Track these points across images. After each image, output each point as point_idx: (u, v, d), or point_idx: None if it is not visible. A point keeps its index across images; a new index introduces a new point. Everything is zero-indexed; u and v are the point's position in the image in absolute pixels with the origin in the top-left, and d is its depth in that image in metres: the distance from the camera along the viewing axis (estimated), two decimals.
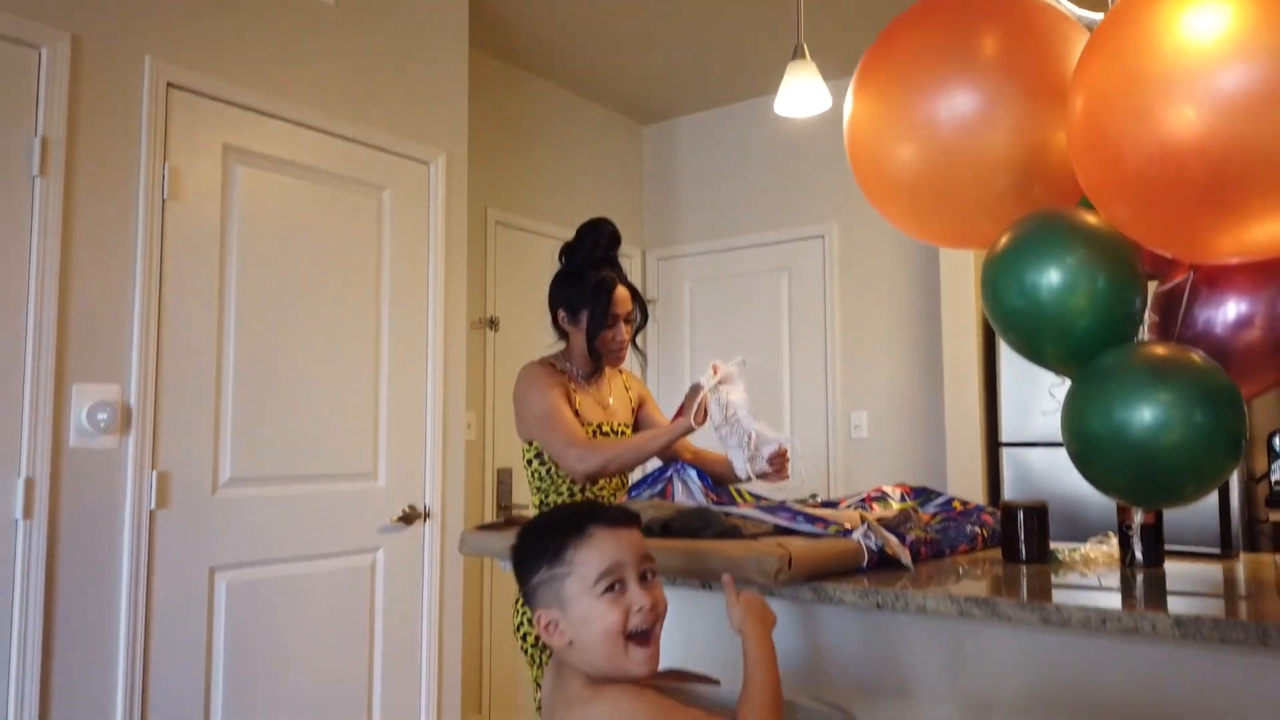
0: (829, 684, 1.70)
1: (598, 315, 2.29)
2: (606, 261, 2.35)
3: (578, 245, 2.35)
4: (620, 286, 2.33)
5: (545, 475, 2.31)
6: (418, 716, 3.15)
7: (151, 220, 2.54)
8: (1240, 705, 1.35)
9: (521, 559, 1.29)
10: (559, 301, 2.38)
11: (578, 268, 2.34)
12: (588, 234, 2.34)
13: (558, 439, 2.17)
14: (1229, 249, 1.59)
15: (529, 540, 1.30)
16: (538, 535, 1.29)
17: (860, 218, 4.28)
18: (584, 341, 2.33)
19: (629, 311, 2.35)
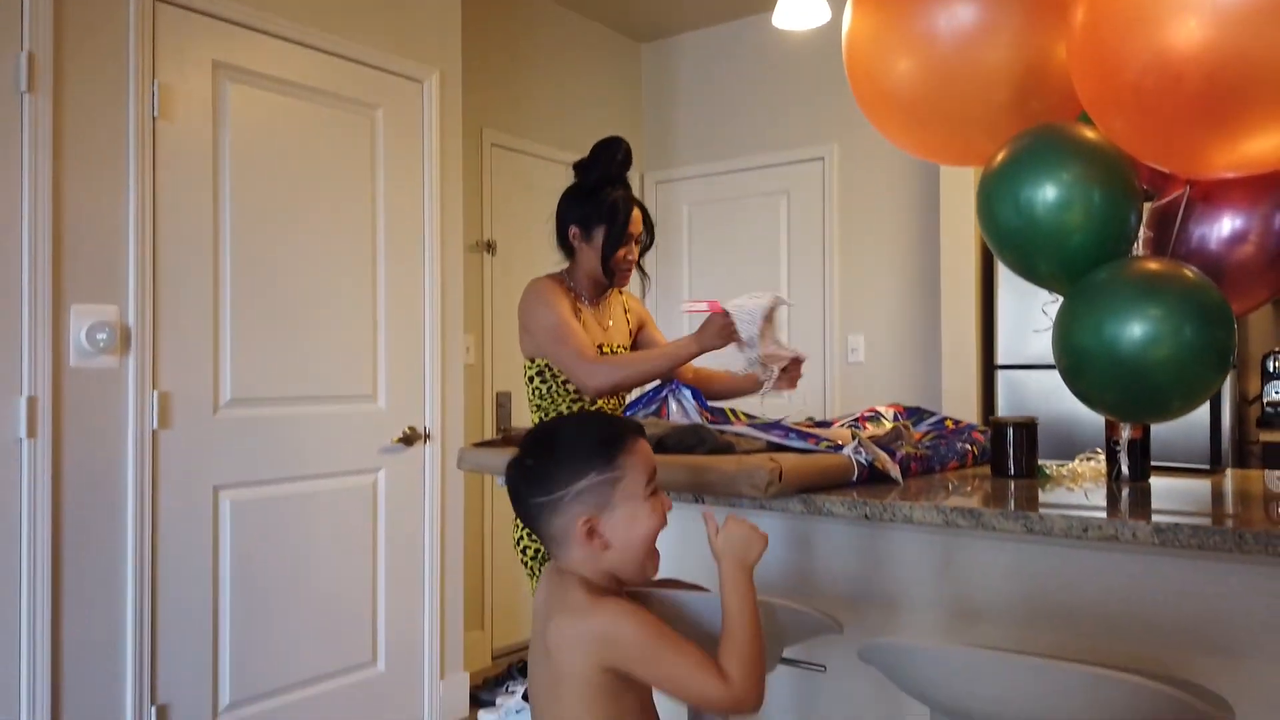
0: (819, 594, 1.74)
1: (614, 234, 2.30)
2: (620, 180, 2.35)
3: (593, 162, 2.35)
4: (636, 208, 2.36)
5: (546, 393, 2.33)
6: (420, 631, 3.24)
7: (142, 139, 2.52)
8: (1217, 611, 1.39)
9: (564, 464, 1.27)
10: (572, 218, 2.37)
11: (592, 185, 2.33)
12: (602, 151, 2.34)
13: (569, 352, 2.18)
14: (1225, 163, 1.58)
15: (575, 446, 1.29)
16: (583, 440, 1.29)
17: (861, 139, 4.23)
18: (594, 260, 2.34)
19: (640, 232, 2.36)
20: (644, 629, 1.20)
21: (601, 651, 1.20)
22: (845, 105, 4.23)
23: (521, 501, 1.31)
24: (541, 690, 1.27)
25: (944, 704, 1.17)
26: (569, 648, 1.22)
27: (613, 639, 1.20)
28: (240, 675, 2.72)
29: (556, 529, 1.28)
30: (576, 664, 1.21)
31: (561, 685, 1.23)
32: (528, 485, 1.29)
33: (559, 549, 1.30)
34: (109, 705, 2.43)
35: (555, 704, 1.24)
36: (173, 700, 2.56)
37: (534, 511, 1.29)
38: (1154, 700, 1.03)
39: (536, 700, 1.29)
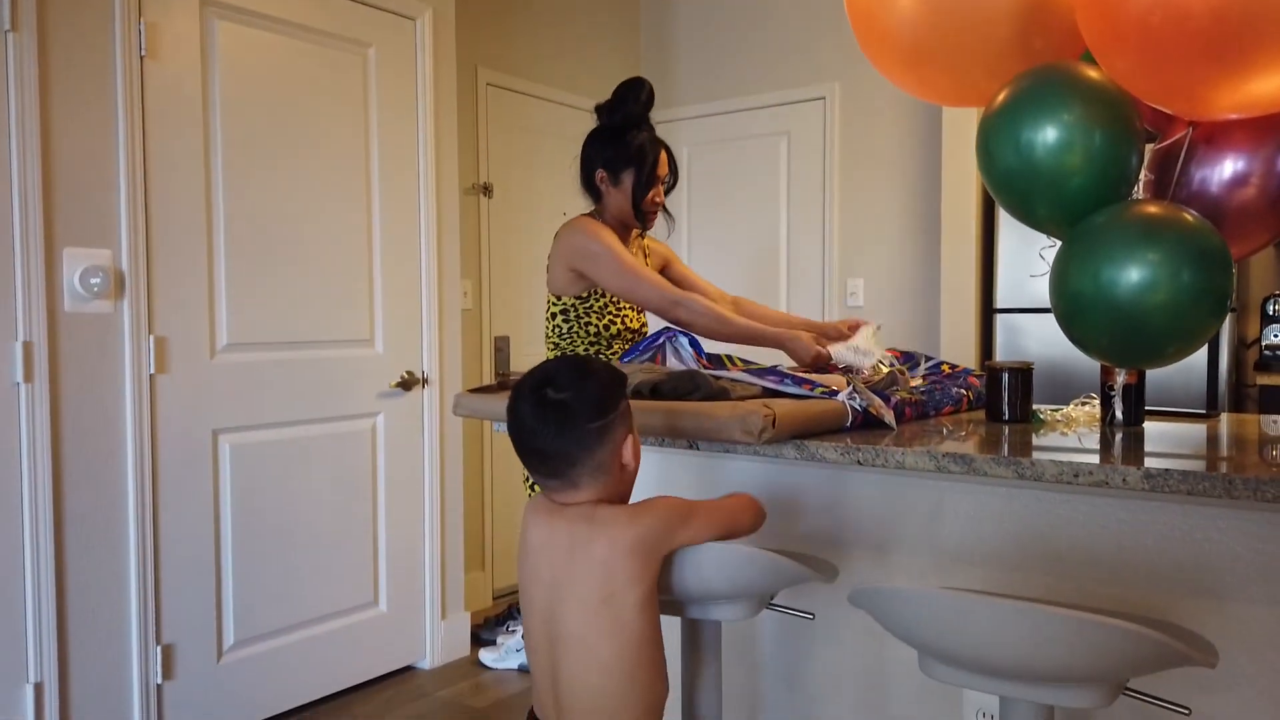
0: (810, 538, 1.76)
1: (643, 177, 2.30)
2: (644, 121, 2.34)
3: (617, 104, 2.33)
4: (664, 152, 2.36)
5: (567, 332, 2.36)
6: (422, 572, 3.28)
7: (130, 79, 2.48)
8: (1206, 555, 1.40)
9: (609, 387, 1.33)
10: (599, 162, 2.36)
11: (616, 127, 2.32)
12: (627, 92, 2.32)
13: (644, 283, 2.21)
14: (1230, 104, 1.55)
15: (607, 374, 1.35)
16: (608, 369, 1.36)
17: (863, 79, 4.16)
18: (621, 203, 2.35)
19: (667, 174, 2.38)
20: (681, 500, 1.34)
21: (664, 541, 1.28)
22: (847, 44, 4.16)
23: (570, 433, 1.29)
24: (580, 619, 1.28)
25: (931, 647, 1.19)
26: (632, 551, 1.26)
27: (675, 519, 1.30)
28: (244, 615, 2.76)
29: (604, 452, 1.30)
30: (638, 565, 1.26)
31: (622, 597, 1.26)
32: (580, 411, 1.28)
33: (597, 477, 1.31)
34: (115, 646, 2.48)
35: (608, 623, 1.26)
36: (178, 640, 2.61)
37: (586, 437, 1.29)
38: (1139, 644, 1.04)
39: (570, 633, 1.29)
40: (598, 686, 1.28)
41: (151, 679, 2.54)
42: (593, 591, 1.27)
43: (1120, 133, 1.62)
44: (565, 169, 4.17)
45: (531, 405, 1.30)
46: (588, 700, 1.29)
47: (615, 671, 1.27)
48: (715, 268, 4.62)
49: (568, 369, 1.33)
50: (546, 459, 1.31)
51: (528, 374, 1.36)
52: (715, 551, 1.34)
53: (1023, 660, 1.10)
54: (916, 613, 1.16)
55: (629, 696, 1.28)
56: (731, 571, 1.36)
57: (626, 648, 1.27)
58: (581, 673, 1.28)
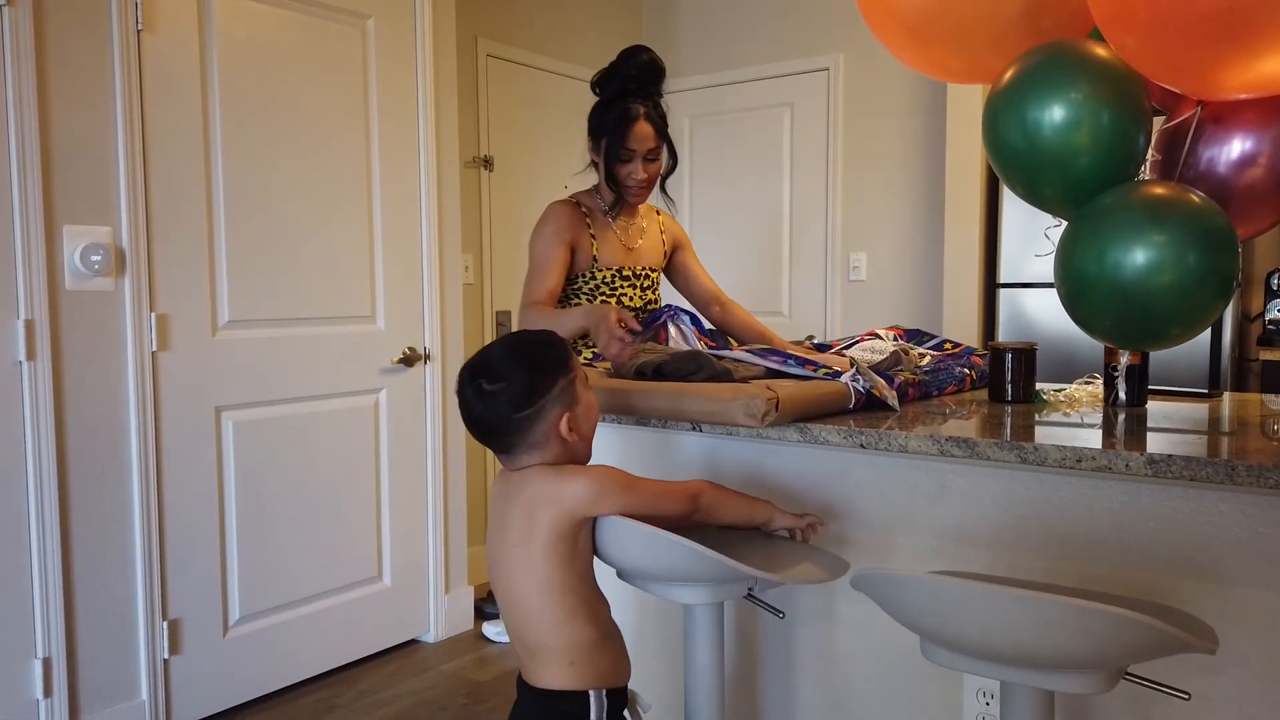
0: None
1: (613, 146, 2.23)
2: (641, 93, 2.25)
3: (610, 73, 2.25)
4: (643, 122, 2.24)
5: None
6: (425, 547, 3.30)
7: (127, 53, 2.45)
8: (1208, 538, 1.41)
9: (541, 374, 1.39)
10: (590, 131, 2.32)
11: (609, 97, 2.26)
12: (619, 61, 2.25)
13: (523, 296, 2.21)
14: (1239, 83, 1.53)
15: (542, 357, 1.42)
16: (548, 350, 1.43)
17: (867, 50, 4.11)
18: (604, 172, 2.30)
19: (651, 149, 2.25)
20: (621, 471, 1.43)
21: (584, 504, 1.37)
22: (851, 14, 4.11)
23: (499, 420, 1.39)
24: (506, 560, 1.41)
25: (933, 633, 1.19)
26: (549, 503, 1.37)
27: (602, 487, 1.38)
28: (249, 590, 2.78)
29: (538, 434, 1.40)
30: (552, 517, 1.37)
31: (533, 542, 1.38)
32: (508, 404, 1.38)
33: (534, 452, 1.41)
34: (122, 622, 2.50)
35: (521, 564, 1.39)
36: (184, 615, 2.63)
37: (515, 426, 1.39)
38: (1141, 632, 1.05)
39: (501, 574, 1.42)
40: (531, 629, 1.41)
41: (158, 654, 2.56)
42: (514, 538, 1.40)
43: (1128, 112, 1.60)
44: (567, 141, 4.15)
45: (470, 393, 1.40)
46: (529, 643, 1.42)
47: (542, 616, 1.39)
48: (717, 242, 4.60)
49: (501, 358, 1.41)
50: (487, 438, 1.43)
51: (473, 356, 1.45)
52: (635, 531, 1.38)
53: (1024, 647, 1.11)
54: (918, 599, 1.17)
55: (558, 638, 1.39)
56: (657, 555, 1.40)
57: (547, 593, 1.38)
58: (520, 618, 1.41)
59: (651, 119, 2.26)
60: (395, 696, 2.88)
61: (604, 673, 1.42)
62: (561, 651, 1.39)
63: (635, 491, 1.40)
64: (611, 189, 2.29)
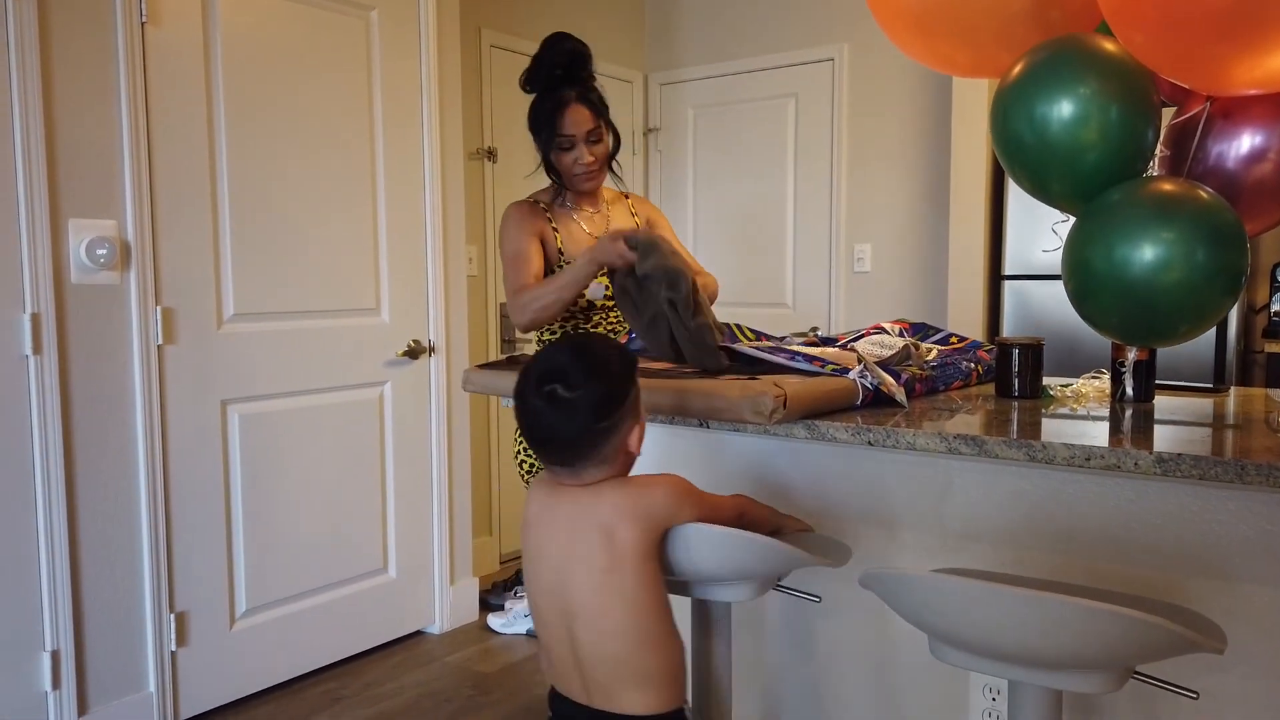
0: (820, 515, 1.77)
1: (550, 137, 2.19)
2: (570, 81, 2.20)
3: (535, 67, 2.20)
4: (576, 105, 2.18)
5: None
6: (430, 539, 3.30)
7: (131, 46, 2.45)
8: (1216, 536, 1.41)
9: (618, 382, 1.32)
10: (529, 128, 2.28)
11: (540, 90, 2.23)
12: (542, 52, 2.20)
13: (508, 289, 2.16)
14: (1249, 79, 1.53)
15: (619, 365, 1.34)
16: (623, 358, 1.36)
17: (872, 40, 4.09)
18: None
19: (589, 130, 2.20)
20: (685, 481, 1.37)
21: (665, 515, 1.31)
22: (856, 3, 4.09)
23: (577, 431, 1.30)
24: (589, 589, 1.30)
25: (941, 632, 1.20)
26: (634, 519, 1.29)
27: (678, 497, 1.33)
28: (256, 582, 2.79)
29: (610, 447, 1.32)
30: (638, 534, 1.29)
31: (624, 566, 1.29)
32: (587, 413, 1.29)
33: (602, 466, 1.33)
34: (129, 614, 2.51)
35: (614, 592, 1.29)
36: (191, 608, 2.64)
37: (590, 437, 1.30)
38: (1150, 632, 1.05)
39: (581, 604, 1.31)
40: (614, 653, 1.30)
41: (166, 646, 2.58)
42: (596, 560, 1.29)
43: (1137, 107, 1.60)
44: None
45: (541, 402, 1.30)
46: (609, 668, 1.31)
47: (628, 638, 1.30)
48: (720, 232, 4.59)
49: (577, 364, 1.31)
50: (554, 450, 1.33)
51: (535, 362, 1.35)
52: (717, 535, 1.35)
53: (1032, 647, 1.11)
54: (926, 598, 1.17)
55: (646, 661, 1.30)
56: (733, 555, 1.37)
57: (634, 614, 1.29)
58: (598, 641, 1.31)
59: (585, 100, 2.20)
60: (401, 688, 2.89)
61: (684, 686, 1.37)
62: (658, 673, 1.31)
63: (702, 501, 1.36)
64: (555, 180, 2.26)
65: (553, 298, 2.06)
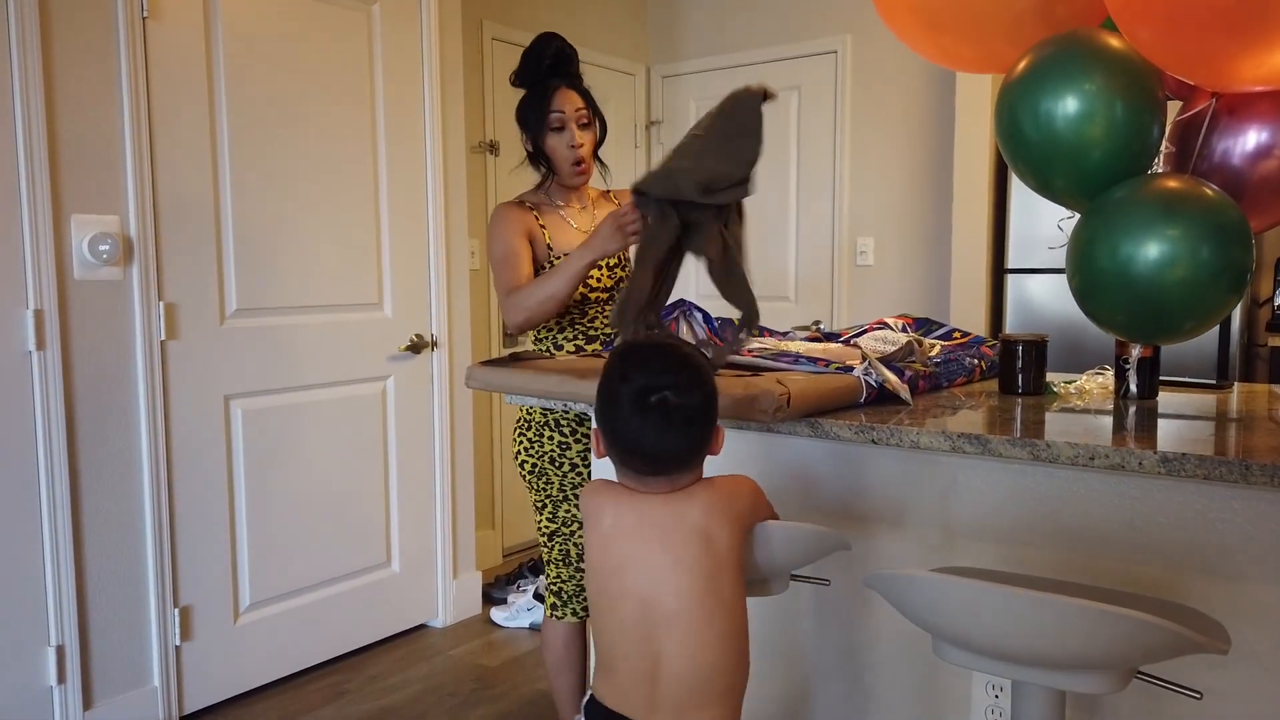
0: (824, 512, 1.77)
1: (539, 118, 2.18)
2: (558, 75, 2.21)
3: (524, 65, 2.21)
4: (565, 88, 2.18)
5: None
6: (433, 532, 3.31)
7: (133, 40, 2.44)
8: (1220, 535, 1.41)
9: (714, 384, 1.30)
10: (518, 123, 2.28)
11: (529, 85, 2.23)
12: (532, 50, 2.21)
13: (500, 290, 2.14)
14: (1255, 75, 1.52)
15: (708, 368, 1.32)
16: (704, 360, 1.34)
17: (875, 32, 4.08)
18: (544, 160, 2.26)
19: (580, 110, 2.19)
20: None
21: (752, 513, 1.31)
22: None
23: (697, 436, 1.27)
24: (685, 599, 1.25)
25: (945, 632, 1.20)
26: (727, 521, 1.27)
27: (758, 495, 1.33)
28: (259, 577, 2.80)
29: (707, 449, 1.30)
30: (734, 536, 1.27)
31: (724, 570, 1.25)
32: (702, 416, 1.26)
33: (693, 470, 1.30)
34: (133, 609, 2.51)
35: (713, 600, 1.24)
36: (195, 602, 2.65)
37: (703, 440, 1.28)
38: (1154, 634, 1.05)
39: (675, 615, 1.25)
40: (708, 665, 1.25)
41: (170, 640, 2.58)
42: (700, 566, 1.24)
43: (1142, 104, 1.59)
44: None
45: (652, 414, 1.24)
46: (696, 681, 1.25)
47: (724, 647, 1.25)
48: None
49: (678, 370, 1.26)
50: (658, 462, 1.27)
51: (621, 369, 1.28)
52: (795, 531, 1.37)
53: (1036, 648, 1.11)
54: (930, 599, 1.17)
55: (733, 671, 1.27)
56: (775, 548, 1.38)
57: (734, 620, 1.26)
58: (693, 652, 1.24)
59: (575, 87, 2.21)
60: (405, 682, 2.90)
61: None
62: (735, 690, 1.27)
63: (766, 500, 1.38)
64: (545, 169, 2.25)
65: (548, 295, 2.04)
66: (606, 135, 2.31)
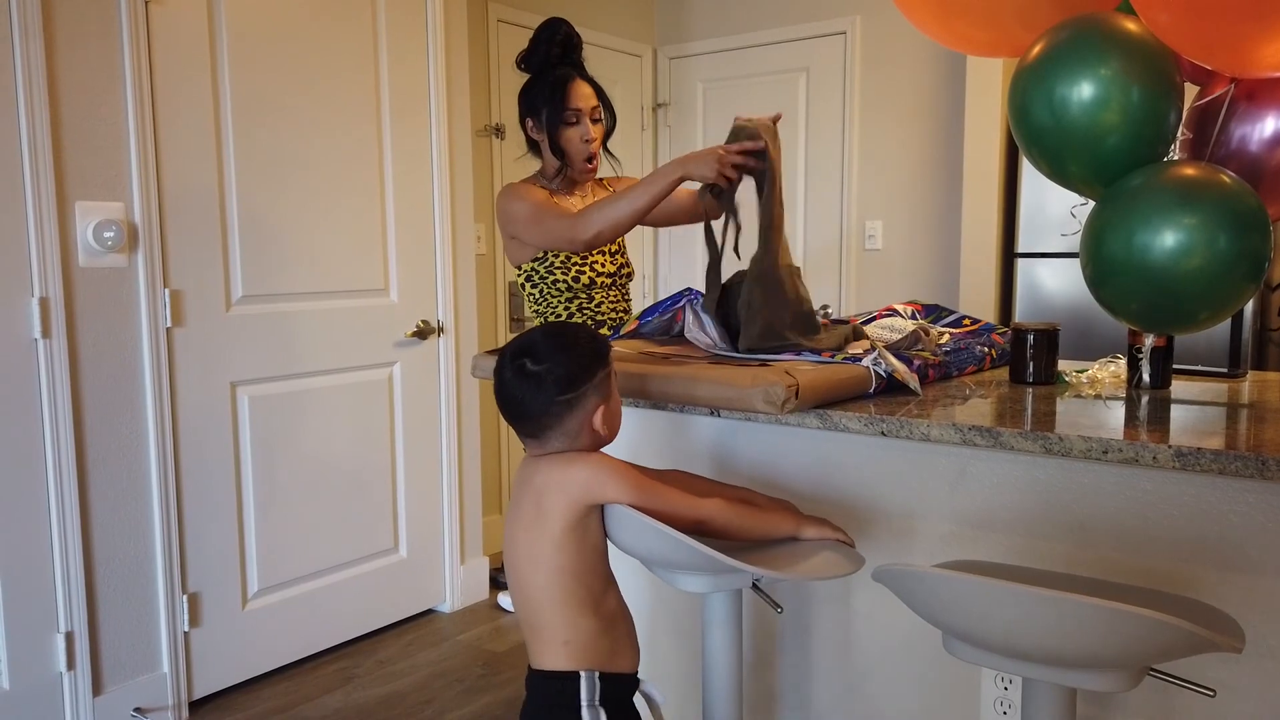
0: (833, 504, 1.76)
1: (555, 111, 2.18)
2: (566, 63, 2.22)
3: (532, 49, 2.22)
4: (580, 81, 2.21)
5: (540, 297, 2.29)
6: (440, 518, 3.31)
7: (136, 25, 2.42)
8: (1234, 528, 1.39)
9: (583, 361, 1.39)
10: (524, 111, 2.26)
11: (536, 73, 2.22)
12: (541, 35, 2.21)
13: (550, 222, 2.09)
14: (1274, 61, 1.49)
15: (586, 344, 1.42)
16: (591, 339, 1.43)
17: (885, 12, 4.03)
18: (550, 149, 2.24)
19: (593, 108, 2.21)
20: (628, 466, 1.42)
21: (587, 490, 1.37)
22: None
23: (540, 402, 1.38)
24: (519, 546, 1.41)
25: (955, 629, 1.19)
26: (557, 489, 1.37)
27: (603, 471, 1.37)
28: (267, 563, 2.80)
29: (573, 423, 1.39)
30: (560, 504, 1.37)
31: (544, 531, 1.38)
32: (552, 386, 1.37)
33: (564, 440, 1.41)
34: (142, 595, 2.52)
35: (533, 551, 1.39)
36: (203, 589, 2.65)
37: (555, 409, 1.38)
38: (1167, 633, 1.04)
39: (514, 558, 1.42)
40: (526, 603, 1.42)
41: (179, 627, 2.59)
42: (526, 520, 1.40)
43: (1159, 89, 1.56)
44: None
45: (511, 374, 1.39)
46: (527, 616, 1.43)
47: (536, 592, 1.40)
48: None
49: (547, 341, 1.40)
50: (521, 421, 1.42)
51: (513, 340, 1.44)
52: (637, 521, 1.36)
53: (1047, 647, 1.10)
54: (940, 596, 1.16)
55: (552, 615, 1.40)
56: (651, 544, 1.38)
57: (542, 574, 1.39)
58: (518, 591, 1.43)
59: (586, 78, 2.23)
60: (413, 667, 2.91)
61: (600, 656, 1.42)
62: (557, 633, 1.40)
63: (643, 490, 1.38)
64: (559, 159, 2.23)
65: (631, 208, 1.98)
66: (616, 126, 2.31)
